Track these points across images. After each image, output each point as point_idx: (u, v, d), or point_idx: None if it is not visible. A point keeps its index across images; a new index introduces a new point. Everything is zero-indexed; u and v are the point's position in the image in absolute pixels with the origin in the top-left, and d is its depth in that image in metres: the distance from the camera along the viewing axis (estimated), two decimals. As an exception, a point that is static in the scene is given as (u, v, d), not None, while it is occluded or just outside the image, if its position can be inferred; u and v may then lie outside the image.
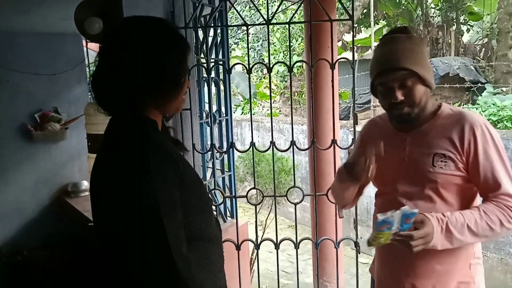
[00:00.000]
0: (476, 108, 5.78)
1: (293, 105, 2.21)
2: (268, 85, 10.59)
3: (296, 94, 9.51)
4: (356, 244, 2.25)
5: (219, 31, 2.51)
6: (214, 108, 2.52)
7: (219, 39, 2.48)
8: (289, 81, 9.83)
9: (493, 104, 5.68)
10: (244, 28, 2.15)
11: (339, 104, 9.00)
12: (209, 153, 2.36)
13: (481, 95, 6.66)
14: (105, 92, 1.01)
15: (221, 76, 2.54)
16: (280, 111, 9.85)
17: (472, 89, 7.92)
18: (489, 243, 3.99)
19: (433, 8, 10.40)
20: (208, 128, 2.39)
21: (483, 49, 9.82)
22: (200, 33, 2.46)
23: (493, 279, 3.98)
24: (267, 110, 10.12)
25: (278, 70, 9.83)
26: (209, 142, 2.37)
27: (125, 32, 1.02)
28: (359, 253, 2.31)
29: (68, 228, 3.17)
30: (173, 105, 1.06)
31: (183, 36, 1.08)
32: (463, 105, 6.77)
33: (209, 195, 1.11)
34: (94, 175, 1.05)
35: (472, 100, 7.91)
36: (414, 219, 1.18)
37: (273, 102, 10.97)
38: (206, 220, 1.07)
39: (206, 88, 2.51)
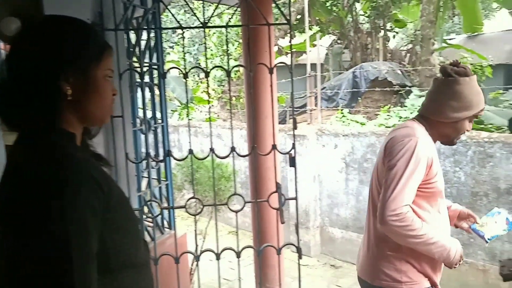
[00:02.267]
0: (405, 110, 6.10)
1: (232, 109, 2.17)
2: (205, 90, 10.42)
3: (234, 98, 9.50)
4: (298, 249, 2.24)
5: (153, 34, 2.40)
6: (149, 114, 2.40)
7: (153, 42, 2.37)
8: (226, 85, 9.80)
9: (419, 106, 6.03)
10: (179, 31, 2.07)
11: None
12: (145, 162, 2.24)
13: (408, 98, 7.05)
14: (12, 103, 0.89)
15: (156, 81, 2.43)
16: (218, 116, 9.78)
17: (400, 92, 8.39)
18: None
19: (362, 15, 10.90)
20: (143, 136, 2.27)
21: (408, 54, 10.45)
22: (133, 36, 2.34)
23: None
24: (205, 115, 10.00)
25: (215, 75, 9.77)
26: (144, 150, 2.25)
27: (33, 33, 0.92)
28: (301, 258, 2.30)
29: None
30: (95, 114, 0.95)
31: (101, 37, 0.97)
32: (392, 108, 7.13)
33: (136, 216, 1.03)
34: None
35: (399, 103, 8.37)
36: None
37: (211, 107, 10.87)
38: (135, 243, 0.98)
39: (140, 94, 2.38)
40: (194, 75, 10.92)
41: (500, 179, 3.75)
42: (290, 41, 1.92)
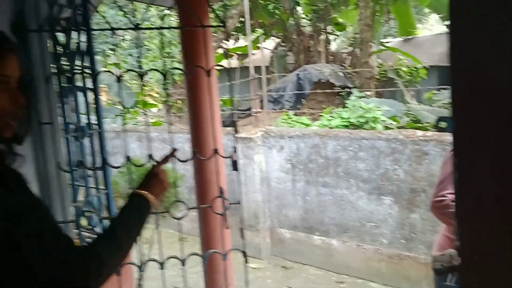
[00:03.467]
0: (346, 112, 6.27)
1: (177, 113, 2.10)
2: (150, 94, 10.10)
3: (180, 101, 9.33)
4: (244, 253, 2.21)
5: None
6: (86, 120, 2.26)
7: (85, 44, 2.25)
8: (172, 88, 9.60)
9: (360, 107, 6.23)
10: (120, 33, 1.97)
11: (224, 110, 9.06)
12: (80, 171, 2.11)
13: (349, 99, 7.27)
14: None
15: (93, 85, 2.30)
16: (164, 120, 9.57)
17: (342, 93, 8.65)
18: (365, 236, 4.33)
19: (304, 18, 11.13)
20: (78, 143, 2.14)
21: (349, 56, 10.80)
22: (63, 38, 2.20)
23: (370, 268, 4.33)
24: (151, 119, 9.74)
25: (160, 78, 9.57)
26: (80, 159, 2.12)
27: None
28: (247, 262, 2.27)
29: None
30: None
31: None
32: (334, 109, 7.31)
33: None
34: None
35: (342, 104, 8.62)
36: None
37: (157, 111, 10.59)
38: None
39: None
40: (137, 79, 10.62)
41: (435, 175, 3.95)
42: (225, 43, 1.89)
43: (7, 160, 1.02)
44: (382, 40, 11.41)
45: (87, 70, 2.23)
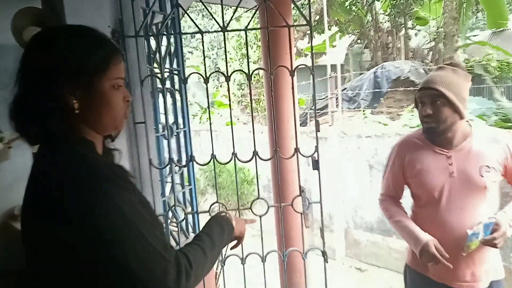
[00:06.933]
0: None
1: (252, 113, 2.14)
2: (225, 94, 10.44)
3: (254, 102, 9.48)
4: (324, 253, 2.20)
5: (172, 39, 2.40)
6: (171, 120, 2.40)
7: (173, 48, 2.37)
8: (246, 89, 9.79)
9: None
10: (198, 36, 2.06)
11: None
12: (168, 167, 2.23)
13: (431, 97, 6.89)
14: (26, 114, 0.91)
15: (177, 86, 2.42)
16: (238, 119, 9.79)
17: (423, 91, 8.21)
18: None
19: (382, 14, 10.74)
20: (166, 142, 2.27)
21: (431, 52, 10.24)
22: (153, 42, 2.34)
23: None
24: (225, 119, 10.02)
25: (235, 78, 9.79)
26: (166, 156, 2.25)
27: (37, 48, 0.92)
28: (327, 262, 2.26)
29: (14, 254, 2.92)
30: (106, 123, 0.94)
31: (108, 46, 0.95)
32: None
33: (160, 221, 1.04)
34: (30, 207, 0.91)
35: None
36: (492, 226, 1.60)
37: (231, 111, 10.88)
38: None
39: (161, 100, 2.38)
40: (214, 79, 10.98)
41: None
42: (311, 42, 1.88)
43: (113, 155, 1.11)
44: (468, 34, 10.65)
45: (175, 72, 2.35)
